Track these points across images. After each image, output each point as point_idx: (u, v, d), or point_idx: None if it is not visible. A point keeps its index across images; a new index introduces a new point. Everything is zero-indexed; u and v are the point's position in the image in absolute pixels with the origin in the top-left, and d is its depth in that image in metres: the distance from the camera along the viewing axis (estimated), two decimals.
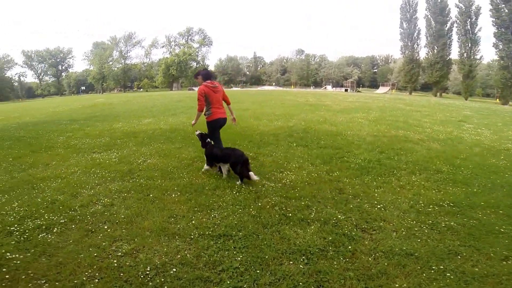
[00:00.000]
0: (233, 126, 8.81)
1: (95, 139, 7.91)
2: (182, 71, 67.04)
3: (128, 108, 16.25)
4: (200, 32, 74.57)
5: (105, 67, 68.81)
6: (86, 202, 3.95)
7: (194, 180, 4.71)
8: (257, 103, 16.93)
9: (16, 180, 4.90)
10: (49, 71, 79.30)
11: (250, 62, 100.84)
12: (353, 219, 3.43)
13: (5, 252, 2.84)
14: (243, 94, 26.42)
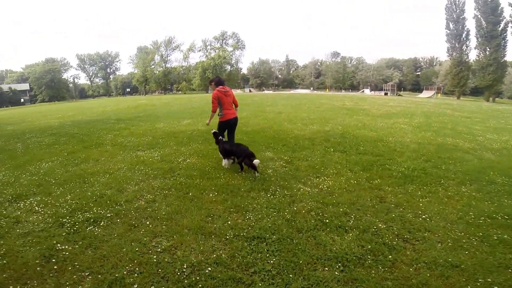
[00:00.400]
0: (267, 129, 8.94)
1: (139, 138, 8.47)
2: (217, 74, 68.87)
3: (168, 109, 17.11)
4: (234, 36, 76.23)
5: (148, 70, 73.00)
6: (131, 198, 4.24)
7: (230, 181, 4.83)
8: (290, 106, 16.88)
9: (69, 174, 5.41)
10: (99, 74, 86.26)
11: (282, 65, 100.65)
12: (394, 228, 3.30)
13: (56, 243, 3.12)
14: (275, 97, 26.54)
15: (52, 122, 14.23)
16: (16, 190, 4.68)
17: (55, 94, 67.95)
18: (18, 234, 3.33)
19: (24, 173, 5.64)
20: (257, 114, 13.06)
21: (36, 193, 4.56)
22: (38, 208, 3.98)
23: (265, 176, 5.00)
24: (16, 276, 2.62)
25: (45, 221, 3.63)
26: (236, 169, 5.37)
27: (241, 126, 9.64)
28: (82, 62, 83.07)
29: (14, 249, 3.04)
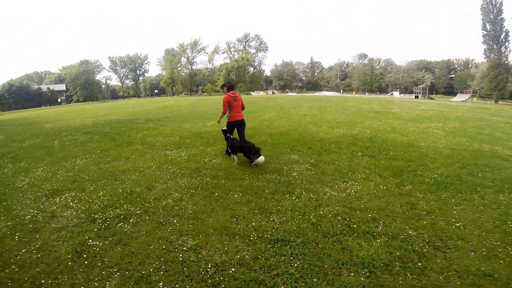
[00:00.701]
0: (291, 132, 8.85)
1: (167, 137, 8.72)
2: (241, 76, 69.50)
3: (194, 110, 17.50)
4: (256, 38, 76.39)
5: (175, 72, 75.02)
6: (159, 196, 4.36)
7: (254, 182, 4.84)
8: (315, 108, 16.64)
9: (102, 171, 5.67)
10: (129, 75, 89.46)
11: (306, 67, 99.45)
12: (425, 235, 3.19)
13: (88, 238, 3.26)
14: (299, 99, 26.29)
15: (86, 121, 15.04)
16: (53, 185, 4.98)
17: (89, 94, 71.62)
18: (53, 229, 3.52)
19: (60, 169, 6.00)
20: (281, 116, 13.02)
21: (71, 188, 4.82)
22: (72, 204, 4.21)
23: (290, 179, 4.95)
24: (48, 271, 2.75)
25: (78, 216, 3.82)
26: (261, 171, 5.38)
27: (265, 128, 9.66)
28: (114, 64, 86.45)
29: (49, 243, 3.21)
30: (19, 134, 12.26)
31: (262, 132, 9.03)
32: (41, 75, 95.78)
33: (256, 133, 8.98)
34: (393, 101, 25.46)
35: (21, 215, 3.89)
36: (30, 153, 7.81)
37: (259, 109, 16.54)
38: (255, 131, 9.32)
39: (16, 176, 5.74)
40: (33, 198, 4.48)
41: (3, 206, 4.23)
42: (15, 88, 60.42)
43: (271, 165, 5.72)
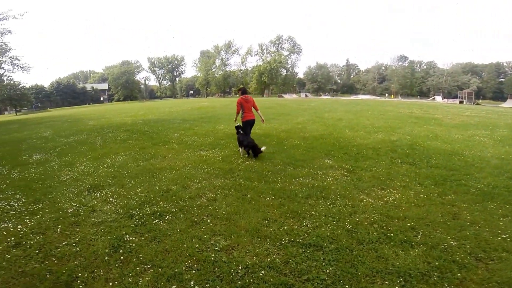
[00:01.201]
0: (326, 136, 8.62)
1: (202, 138, 8.93)
2: (273, 78, 69.45)
3: (227, 112, 17.74)
4: (290, 40, 76.00)
5: (209, 73, 76.89)
6: (194, 195, 4.43)
7: (287, 186, 4.76)
8: (351, 113, 16.09)
9: (140, 168, 5.90)
10: (166, 76, 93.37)
11: (342, 70, 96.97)
12: (467, 246, 3.05)
13: (125, 234, 3.37)
14: (334, 103, 25.58)
15: (126, 120, 15.89)
16: (94, 180, 5.26)
17: (128, 94, 75.32)
18: (93, 223, 3.69)
19: (101, 164, 6.34)
20: (315, 120, 12.75)
21: (111, 184, 5.06)
22: (112, 199, 4.40)
23: (324, 184, 4.83)
24: (85, 264, 2.86)
25: (117, 211, 3.98)
26: (294, 174, 5.29)
27: (298, 132, 9.50)
28: (153, 65, 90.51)
29: (87, 237, 3.36)
30: (65, 130, 13.23)
31: (295, 136, 8.89)
32: (86, 74, 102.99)
33: (289, 136, 8.86)
34: (435, 106, 23.87)
35: (64, 208, 4.14)
36: (74, 148, 8.38)
37: (292, 112, 16.35)
38: (288, 134, 9.21)
39: (61, 170, 6.16)
40: (76, 192, 4.76)
41: (48, 199, 4.54)
42: (62, 86, 65.46)
43: (304, 169, 5.60)
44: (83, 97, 68.80)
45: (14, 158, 7.72)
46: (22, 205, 4.32)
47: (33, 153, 8.15)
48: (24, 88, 46.42)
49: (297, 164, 5.92)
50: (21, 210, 4.12)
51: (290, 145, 7.56)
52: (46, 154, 7.83)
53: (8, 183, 5.42)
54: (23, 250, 3.13)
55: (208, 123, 12.58)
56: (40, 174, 5.89)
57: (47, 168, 6.39)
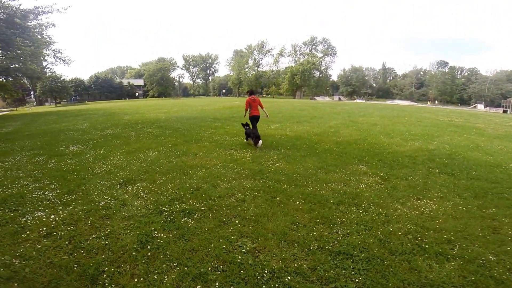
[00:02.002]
0: (360, 142, 8.27)
1: (233, 137, 8.97)
2: (305, 80, 68.27)
3: None
4: (324, 41, 74.27)
5: (242, 73, 77.08)
6: (223, 194, 4.40)
7: (318, 190, 4.60)
8: (387, 118, 15.41)
9: (172, 164, 5.98)
10: (200, 74, 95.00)
11: (377, 74, 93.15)
12: (507, 262, 2.92)
13: (154, 230, 3.38)
14: (369, 107, 24.58)
15: (160, 116, 16.41)
16: (127, 174, 5.38)
17: (163, 90, 76.99)
18: (123, 217, 3.73)
19: (134, 159, 6.50)
20: (349, 124, 12.34)
21: (143, 179, 5.15)
22: (143, 194, 4.46)
23: (357, 191, 4.65)
24: (112, 258, 2.87)
25: (147, 207, 4.02)
26: (325, 179, 5.12)
27: (331, 136, 9.22)
28: (187, 63, 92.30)
29: (117, 231, 3.38)
30: (101, 123, 13.75)
31: (327, 140, 8.63)
32: (123, 69, 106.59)
33: (321, 140, 8.62)
34: (477, 115, 22.27)
35: (96, 201, 4.22)
36: (109, 142, 8.62)
37: (324, 115, 15.97)
38: (320, 138, 8.97)
39: (96, 162, 6.32)
40: (108, 185, 4.88)
41: (81, 190, 4.66)
42: (100, 80, 67.56)
43: (336, 174, 5.39)
44: (120, 92, 70.59)
45: (52, 148, 7.93)
46: (56, 195, 4.41)
47: (70, 144, 8.39)
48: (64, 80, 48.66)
49: (329, 169, 5.72)
50: (55, 200, 4.23)
51: (322, 149, 7.34)
52: (82, 146, 8.04)
53: (44, 173, 5.52)
54: (54, 240, 3.19)
55: (239, 122, 12.52)
56: (75, 166, 6.01)
57: (82, 159, 6.51)
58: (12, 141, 9.57)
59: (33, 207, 3.97)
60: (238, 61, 77.97)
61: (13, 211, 3.86)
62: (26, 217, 3.69)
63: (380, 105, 30.83)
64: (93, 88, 66.59)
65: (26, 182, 5.03)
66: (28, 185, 4.85)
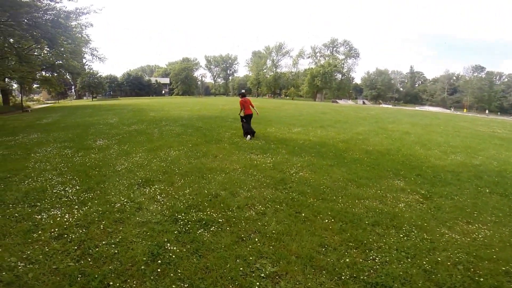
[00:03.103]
0: (393, 152, 7.62)
1: (253, 140, 8.57)
2: (326, 82, 66.75)
3: (278, 114, 17.29)
4: (346, 43, 72.39)
5: (260, 74, 77.10)
6: (242, 204, 4.04)
7: (349, 207, 4.10)
8: (419, 126, 14.37)
9: (191, 166, 5.72)
10: (221, 74, 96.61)
11: (405, 78, 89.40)
12: None
13: (167, 241, 3.09)
14: (397, 113, 23.31)
15: (183, 114, 16.47)
16: (146, 174, 5.20)
17: (187, 89, 79.60)
18: (136, 223, 3.50)
19: (155, 157, 6.35)
20: (378, 131, 11.54)
21: (161, 180, 4.93)
22: (159, 197, 4.22)
23: (395, 210, 4.11)
24: (120, 270, 2.62)
25: (162, 212, 3.76)
26: (358, 195, 4.61)
27: (360, 144, 8.58)
28: (209, 63, 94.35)
29: (128, 239, 3.15)
30: (128, 118, 14.19)
31: (356, 148, 8.01)
32: (152, 68, 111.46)
33: (349, 148, 8.00)
34: None
35: (112, 202, 4.06)
36: (133, 138, 8.72)
37: (349, 120, 15.17)
38: (348, 145, 8.35)
39: (118, 158, 6.31)
40: (127, 184, 4.71)
41: (100, 188, 4.55)
42: (131, 78, 71.90)
43: (370, 189, 4.85)
44: (148, 89, 74.56)
45: (81, 141, 8.31)
46: (75, 192, 4.39)
47: (97, 138, 8.73)
48: (100, 77, 52.98)
49: (360, 182, 5.18)
50: (72, 198, 4.17)
51: (351, 159, 6.77)
52: (108, 141, 8.29)
53: (69, 167, 5.69)
54: (63, 243, 3.05)
55: (259, 124, 12.20)
56: (99, 161, 6.09)
57: (106, 155, 6.65)
58: (48, 132, 10.23)
59: (51, 204, 3.93)
60: (257, 62, 78.21)
61: (31, 207, 3.85)
62: (42, 214, 3.64)
63: (409, 111, 29.13)
64: (125, 84, 70.78)
65: (51, 175, 5.11)
66: (51, 179, 4.92)
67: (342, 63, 71.02)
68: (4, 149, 7.42)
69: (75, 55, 27.56)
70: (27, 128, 11.58)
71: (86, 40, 29.51)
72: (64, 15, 16.43)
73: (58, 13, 15.86)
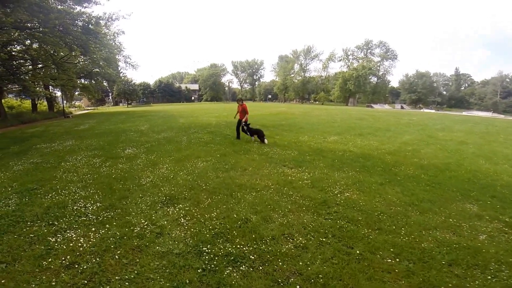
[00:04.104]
0: (453, 167, 6.50)
1: (284, 150, 7.84)
2: (360, 86, 63.73)
3: (309, 120, 16.36)
4: (381, 45, 68.28)
5: (288, 78, 75.61)
6: (278, 234, 3.37)
7: (415, 241, 3.28)
8: (475, 134, 12.56)
9: (219, 181, 5.15)
10: (247, 80, 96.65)
11: (448, 80, 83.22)
12: None
13: (188, 282, 2.57)
14: (443, 118, 21.06)
15: (211, 120, 16.19)
16: (171, 190, 4.72)
17: (215, 95, 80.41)
18: (156, 253, 3.02)
19: (182, 169, 5.91)
20: (427, 140, 10.16)
21: (187, 197, 4.42)
22: (183, 220, 3.71)
23: (475, 244, 3.25)
24: None
25: (186, 241, 3.23)
26: (424, 222, 3.71)
27: (410, 156, 7.46)
28: (236, 68, 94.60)
29: (145, 274, 2.70)
30: (158, 125, 14.17)
31: (407, 162, 6.90)
32: (182, 75, 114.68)
33: (398, 161, 6.90)
34: None
35: (132, 224, 3.62)
36: (162, 146, 8.43)
37: (391, 127, 13.75)
38: (396, 158, 7.23)
39: (144, 170, 5.96)
40: (150, 202, 4.26)
41: (122, 206, 4.15)
42: (163, 85, 74.21)
43: (437, 216, 3.94)
44: (178, 96, 76.65)
45: (110, 149, 8.20)
46: (95, 210, 4.05)
47: (127, 146, 8.59)
48: (135, 84, 55.55)
49: (423, 206, 4.27)
50: (91, 218, 3.81)
51: (404, 175, 5.77)
52: (136, 149, 8.09)
53: (95, 178, 5.45)
54: (73, 275, 2.68)
55: (289, 132, 11.45)
56: (125, 173, 5.80)
57: (132, 165, 6.37)
58: (82, 139, 10.43)
59: (69, 224, 3.64)
60: (284, 67, 76.93)
61: (49, 225, 3.60)
62: (58, 236, 3.36)
63: (457, 116, 26.30)
64: (157, 91, 73.32)
65: (76, 188, 4.90)
66: (75, 192, 4.70)
67: (377, 66, 67.45)
68: (39, 157, 7.49)
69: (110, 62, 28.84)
70: (64, 135, 11.90)
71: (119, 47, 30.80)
72: (94, 21, 16.68)
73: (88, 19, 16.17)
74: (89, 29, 16.19)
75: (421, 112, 35.14)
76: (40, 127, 16.30)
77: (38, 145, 9.41)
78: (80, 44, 15.63)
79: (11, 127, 17.48)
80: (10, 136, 12.29)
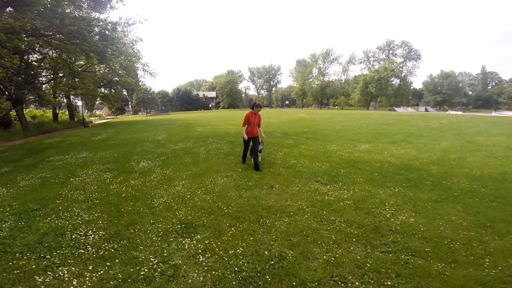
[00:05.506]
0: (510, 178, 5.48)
1: (313, 162, 6.99)
2: (382, 88, 61.51)
3: (333, 127, 15.40)
4: (404, 45, 65.61)
5: (306, 83, 74.15)
6: (323, 278, 2.60)
7: (501, 275, 2.47)
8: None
9: (243, 202, 4.45)
10: (264, 86, 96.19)
11: (475, 79, 79.27)
12: None
13: None
14: (474, 120, 19.47)
15: (229, 129, 15.58)
16: (187, 214, 4.07)
17: (232, 102, 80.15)
18: None
19: (200, 187, 5.27)
20: (468, 147, 8.97)
21: (206, 225, 3.73)
22: (202, 258, 3.00)
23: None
24: None
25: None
26: (506, 251, 2.80)
27: (457, 166, 6.41)
28: (252, 74, 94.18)
29: None
30: (176, 134, 13.71)
31: (457, 173, 5.89)
32: (199, 82, 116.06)
33: (447, 172, 5.92)
34: None
35: (139, 262, 2.95)
36: (178, 159, 7.85)
37: (423, 132, 12.52)
38: (443, 169, 6.22)
39: (158, 187, 5.37)
40: (162, 231, 3.60)
41: (128, 235, 3.53)
42: (181, 93, 75.04)
43: None
44: (196, 103, 77.37)
45: (124, 162, 7.75)
46: (98, 240, 3.45)
47: (141, 159, 8.11)
48: (153, 92, 56.29)
49: (498, 229, 3.39)
50: (91, 251, 3.21)
51: (461, 190, 4.82)
52: (151, 162, 7.57)
53: (103, 198, 4.91)
54: None
55: (315, 140, 10.57)
56: (136, 191, 5.21)
57: (145, 181, 5.80)
58: (96, 150, 10.08)
59: (63, 258, 3.08)
60: (302, 71, 75.49)
61: (39, 259, 3.07)
62: (47, 273, 2.81)
63: (488, 117, 24.35)
64: (175, 99, 74.30)
65: (79, 210, 4.39)
66: (78, 215, 4.18)
67: (400, 67, 64.82)
68: (49, 171, 7.12)
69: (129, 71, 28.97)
70: (80, 146, 11.66)
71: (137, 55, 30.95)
72: (110, 27, 16.35)
73: (105, 25, 15.88)
74: (106, 35, 16.01)
75: (448, 114, 33.12)
76: (58, 137, 16.33)
77: (52, 157, 9.10)
78: (96, 51, 15.33)
79: (31, 137, 17.74)
80: (27, 147, 12.19)
